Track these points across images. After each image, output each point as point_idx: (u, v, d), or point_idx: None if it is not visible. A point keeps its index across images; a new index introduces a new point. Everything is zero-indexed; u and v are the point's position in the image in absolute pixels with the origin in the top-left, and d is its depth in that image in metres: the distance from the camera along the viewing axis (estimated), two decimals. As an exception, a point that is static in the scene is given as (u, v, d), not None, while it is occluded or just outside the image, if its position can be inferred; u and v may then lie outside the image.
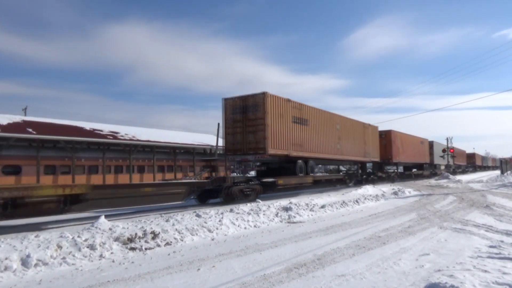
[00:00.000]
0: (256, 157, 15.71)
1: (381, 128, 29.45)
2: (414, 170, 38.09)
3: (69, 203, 9.81)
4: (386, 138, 29.72)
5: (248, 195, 14.91)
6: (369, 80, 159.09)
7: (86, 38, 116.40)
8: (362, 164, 27.40)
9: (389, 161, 30.28)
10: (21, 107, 46.44)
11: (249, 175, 17.49)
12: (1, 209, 8.54)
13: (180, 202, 13.47)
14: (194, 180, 15.58)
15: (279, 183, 16.10)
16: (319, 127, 19.34)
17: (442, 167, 46.63)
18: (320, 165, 26.71)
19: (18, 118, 26.31)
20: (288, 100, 16.84)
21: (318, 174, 22.31)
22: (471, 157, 72.06)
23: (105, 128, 30.41)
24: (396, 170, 33.15)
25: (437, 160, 44.57)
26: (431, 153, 41.78)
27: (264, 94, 15.39)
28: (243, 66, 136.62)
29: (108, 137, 27.90)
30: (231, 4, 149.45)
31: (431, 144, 41.89)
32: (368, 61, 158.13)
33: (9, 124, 23.58)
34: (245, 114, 15.85)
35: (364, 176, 27.18)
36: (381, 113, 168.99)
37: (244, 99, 15.96)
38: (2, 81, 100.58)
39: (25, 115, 35.70)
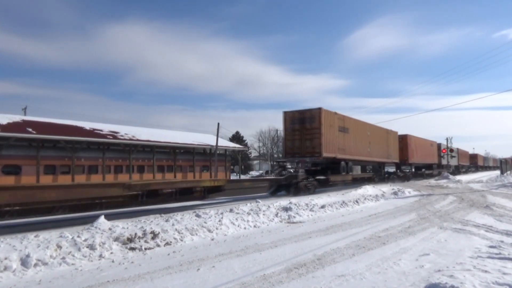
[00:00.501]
0: (312, 159, 19.15)
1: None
2: (423, 169, 40.48)
3: (207, 192, 12.98)
4: (403, 141, 32.69)
5: (309, 189, 18.04)
6: (369, 80, 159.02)
7: (86, 38, 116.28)
8: (385, 164, 30.54)
9: (405, 162, 33.25)
10: (21, 107, 46.39)
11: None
12: (174, 195, 12.04)
13: (265, 193, 17.11)
14: (273, 177, 19.78)
15: (331, 180, 20.06)
16: (356, 134, 22.62)
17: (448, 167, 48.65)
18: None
19: (18, 118, 26.28)
20: (335, 113, 20.33)
21: (355, 173, 25.73)
22: (473, 157, 74.52)
23: (105, 128, 30.36)
24: (411, 170, 36.22)
25: (444, 161, 47.12)
26: (439, 154, 44.39)
27: (319, 109, 18.82)
28: (243, 66, 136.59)
29: (108, 137, 27.87)
30: (231, 4, 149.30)
31: (439, 146, 44.63)
32: (368, 61, 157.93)
33: (9, 124, 23.56)
34: (303, 125, 19.27)
35: (386, 175, 30.54)
36: (381, 113, 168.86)
37: (302, 112, 19.44)
38: (2, 81, 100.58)
39: (25, 115, 35.75)
